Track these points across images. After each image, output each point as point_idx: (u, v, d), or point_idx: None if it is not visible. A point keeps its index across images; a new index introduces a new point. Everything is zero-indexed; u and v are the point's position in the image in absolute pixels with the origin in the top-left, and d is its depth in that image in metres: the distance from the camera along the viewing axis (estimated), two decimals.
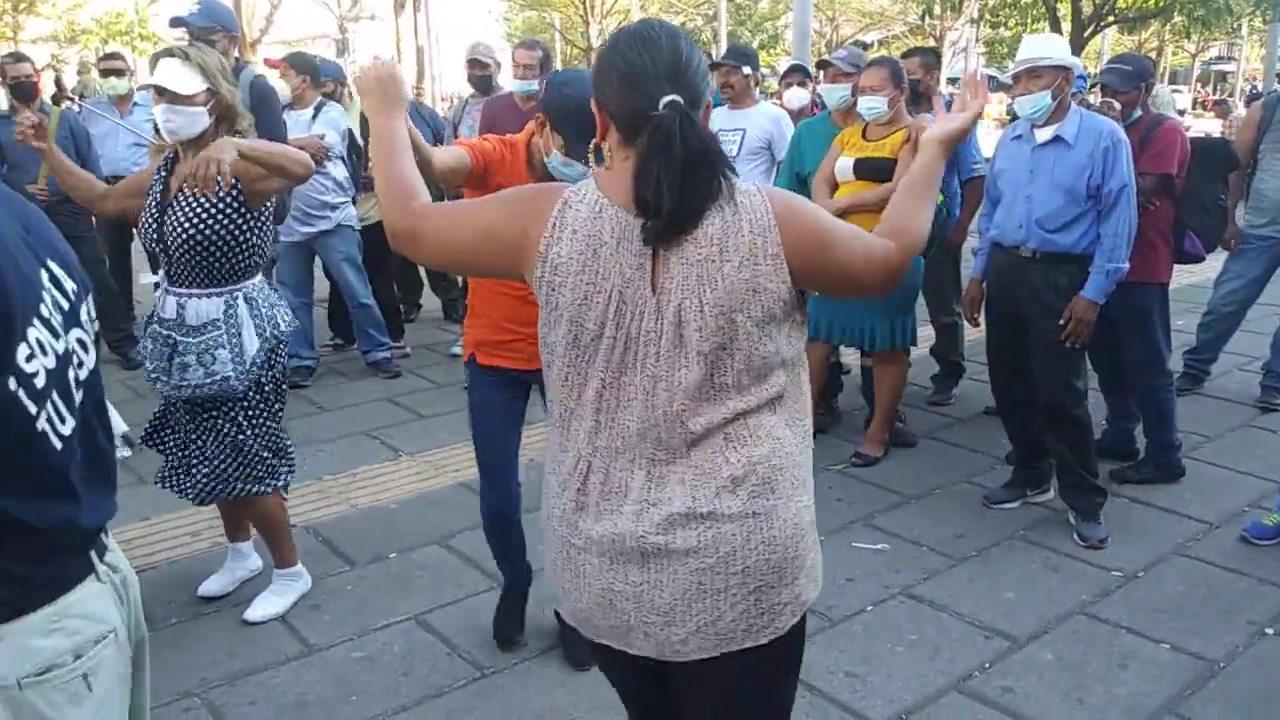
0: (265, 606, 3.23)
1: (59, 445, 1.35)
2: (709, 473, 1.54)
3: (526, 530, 2.98)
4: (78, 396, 1.41)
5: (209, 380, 2.94)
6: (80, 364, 1.42)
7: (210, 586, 3.35)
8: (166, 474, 3.19)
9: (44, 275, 1.38)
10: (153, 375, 3.03)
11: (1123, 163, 3.48)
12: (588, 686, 2.83)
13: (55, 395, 1.35)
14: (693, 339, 1.50)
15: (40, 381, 1.32)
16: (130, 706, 1.57)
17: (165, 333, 2.98)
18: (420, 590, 3.40)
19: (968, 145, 4.84)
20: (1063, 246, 3.58)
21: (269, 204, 3.05)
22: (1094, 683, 2.87)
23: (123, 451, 2.29)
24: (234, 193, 2.92)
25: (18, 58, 5.91)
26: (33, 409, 1.31)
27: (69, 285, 1.42)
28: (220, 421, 3.05)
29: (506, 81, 6.02)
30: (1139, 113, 4.08)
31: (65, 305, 1.40)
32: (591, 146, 1.67)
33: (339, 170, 5.52)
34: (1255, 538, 3.67)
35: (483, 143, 2.62)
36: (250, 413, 3.08)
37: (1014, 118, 4.00)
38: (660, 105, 1.47)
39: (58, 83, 6.18)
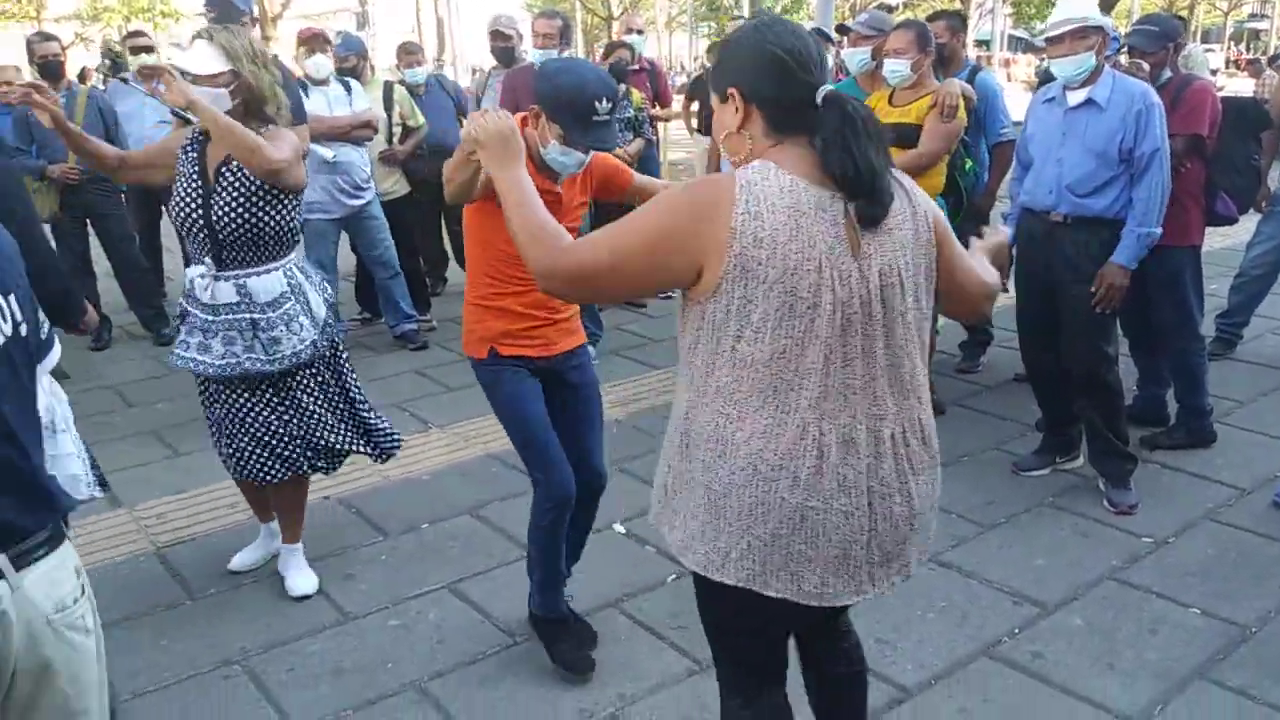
0: (306, 579, 3.26)
1: None
2: (914, 424, 1.72)
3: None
4: None
5: (302, 345, 3.01)
6: None
7: (242, 560, 3.40)
8: (239, 458, 3.13)
9: None
10: (240, 358, 2.96)
11: (1156, 126, 3.43)
12: (619, 654, 2.87)
13: None
14: (895, 300, 1.65)
15: None
16: None
17: (236, 316, 2.96)
18: (452, 560, 3.44)
19: (995, 109, 4.78)
20: (1094, 211, 3.54)
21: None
22: (1124, 648, 2.87)
23: (94, 491, 2.22)
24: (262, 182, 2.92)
25: (45, 37, 5.95)
26: None
27: None
28: (309, 386, 3.12)
29: (529, 52, 6.02)
30: (1168, 73, 4.01)
31: None
32: (724, 136, 1.71)
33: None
34: None
35: None
36: (330, 375, 3.17)
37: (1043, 81, 3.95)
38: (819, 94, 1.62)
39: (113, 59, 6.01)
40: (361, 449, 3.27)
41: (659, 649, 2.90)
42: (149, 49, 6.04)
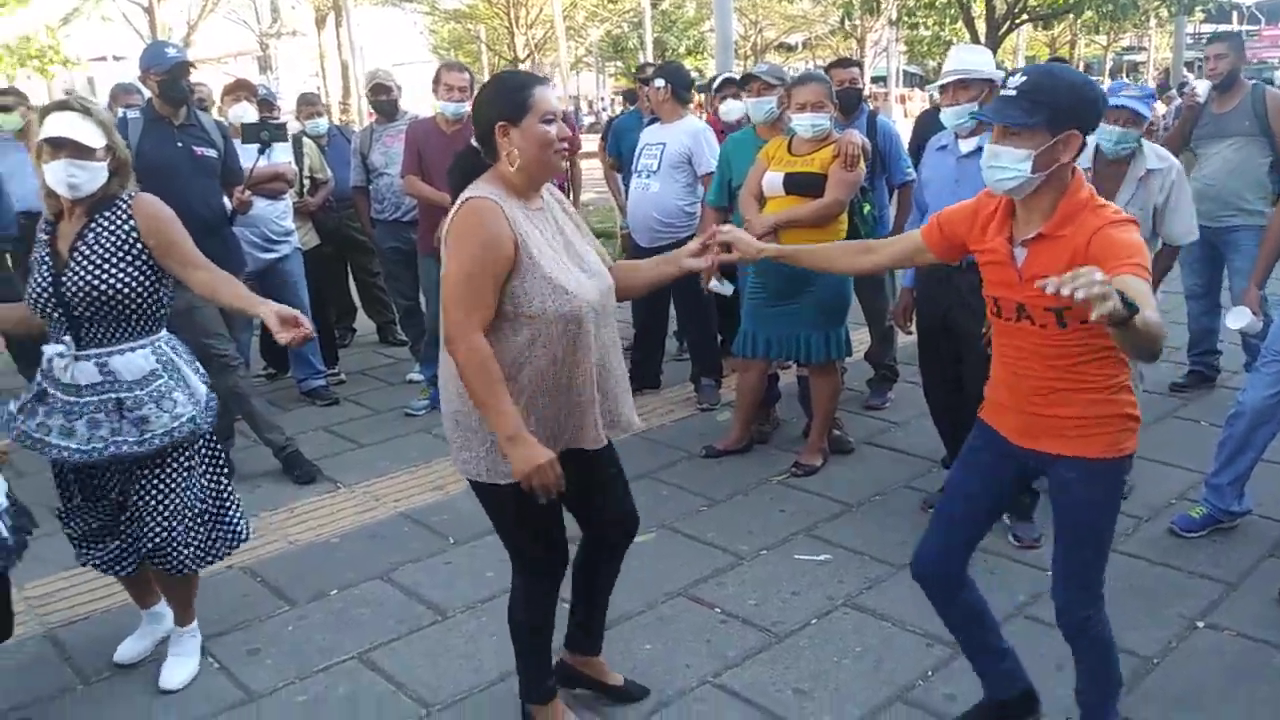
0: (180, 670, 3.07)
1: None
2: None
3: None
4: None
5: (176, 423, 2.83)
6: None
7: (126, 653, 3.19)
8: (87, 547, 3.03)
9: None
10: (103, 441, 2.79)
11: None
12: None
13: None
14: None
15: None
16: None
17: (100, 398, 2.80)
18: (363, 628, 3.33)
19: (897, 152, 4.92)
20: None
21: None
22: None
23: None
24: (142, 251, 2.84)
25: None
26: None
27: None
28: (166, 476, 2.90)
29: (408, 105, 6.11)
30: None
31: None
32: None
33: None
34: (1183, 530, 3.76)
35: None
36: (196, 465, 2.96)
37: (930, 116, 4.07)
38: None
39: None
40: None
41: None
42: (8, 109, 5.81)
